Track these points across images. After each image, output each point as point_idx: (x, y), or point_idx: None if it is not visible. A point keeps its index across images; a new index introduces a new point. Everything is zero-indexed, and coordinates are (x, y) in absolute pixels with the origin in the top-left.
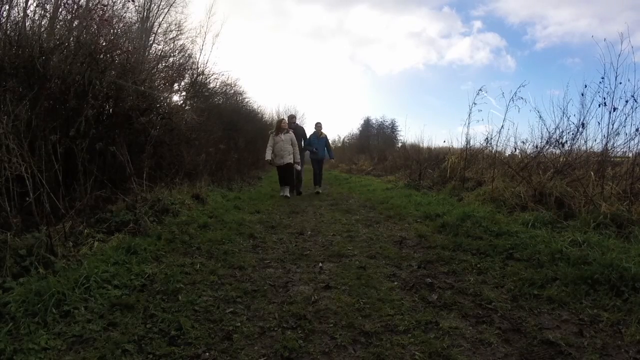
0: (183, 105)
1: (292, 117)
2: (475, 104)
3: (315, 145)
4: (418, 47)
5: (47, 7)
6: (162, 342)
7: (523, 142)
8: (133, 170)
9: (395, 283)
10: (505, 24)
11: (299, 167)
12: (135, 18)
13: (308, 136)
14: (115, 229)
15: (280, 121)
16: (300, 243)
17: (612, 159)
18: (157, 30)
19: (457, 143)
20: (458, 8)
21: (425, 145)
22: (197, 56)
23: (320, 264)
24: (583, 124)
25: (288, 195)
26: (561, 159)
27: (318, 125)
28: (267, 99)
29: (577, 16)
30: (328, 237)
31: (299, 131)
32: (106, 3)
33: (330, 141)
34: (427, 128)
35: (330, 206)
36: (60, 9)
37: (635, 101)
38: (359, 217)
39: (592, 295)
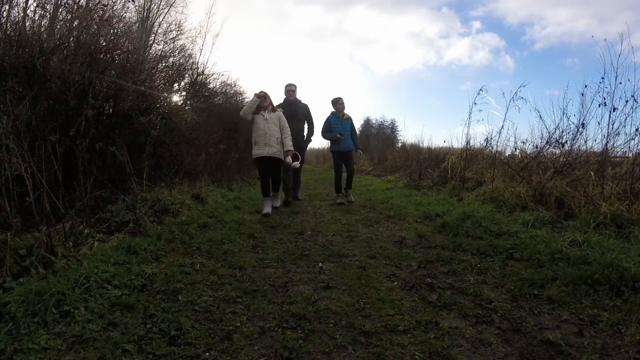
0: (183, 105)
1: (290, 85)
2: (475, 103)
3: (339, 130)
4: (417, 47)
5: (47, 7)
6: (162, 342)
7: (523, 142)
8: (133, 170)
9: (395, 283)
10: (504, 25)
11: (297, 165)
12: (135, 18)
13: (326, 117)
14: (115, 229)
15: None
16: (300, 243)
17: (612, 159)
18: (157, 30)
19: (457, 143)
20: (457, 8)
21: (425, 145)
22: (197, 56)
23: (320, 264)
24: (583, 124)
25: (269, 211)
26: (561, 159)
27: (339, 102)
28: None
29: (575, 16)
30: (328, 237)
31: (300, 110)
32: (106, 3)
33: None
34: (427, 128)
35: (330, 206)
36: (60, 9)
37: (635, 101)
38: (359, 217)
39: (592, 295)
